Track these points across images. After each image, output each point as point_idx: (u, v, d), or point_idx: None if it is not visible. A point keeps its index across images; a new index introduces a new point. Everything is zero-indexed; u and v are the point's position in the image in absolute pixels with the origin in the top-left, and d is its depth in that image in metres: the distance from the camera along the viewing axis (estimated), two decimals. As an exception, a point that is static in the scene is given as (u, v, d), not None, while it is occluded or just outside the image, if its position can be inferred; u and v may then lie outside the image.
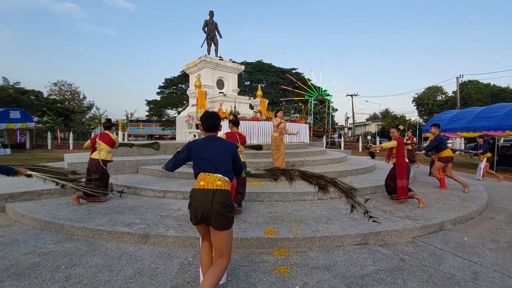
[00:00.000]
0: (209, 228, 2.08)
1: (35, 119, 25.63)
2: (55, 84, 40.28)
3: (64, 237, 3.48)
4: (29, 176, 3.51)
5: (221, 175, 2.06)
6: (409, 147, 10.30)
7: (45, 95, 34.14)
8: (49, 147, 21.90)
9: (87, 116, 39.03)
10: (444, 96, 39.58)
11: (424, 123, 31.85)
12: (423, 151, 6.39)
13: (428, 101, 39.21)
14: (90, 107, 40.48)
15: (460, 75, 26.31)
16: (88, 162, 4.82)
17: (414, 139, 11.53)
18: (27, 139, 22.20)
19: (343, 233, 3.42)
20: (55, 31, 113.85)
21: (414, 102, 41.55)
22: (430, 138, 8.75)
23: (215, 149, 2.14)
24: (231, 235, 2.10)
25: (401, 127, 5.23)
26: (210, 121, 2.22)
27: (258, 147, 4.77)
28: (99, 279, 2.51)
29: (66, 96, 40.45)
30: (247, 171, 2.83)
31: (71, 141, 22.00)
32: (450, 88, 70.48)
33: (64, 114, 31.18)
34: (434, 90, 39.90)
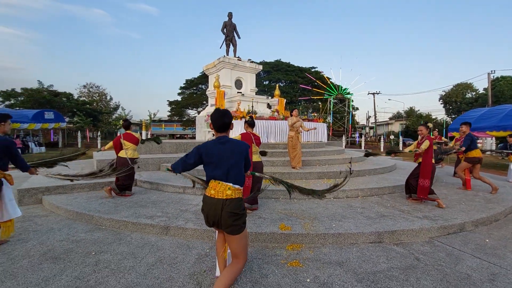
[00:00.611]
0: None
1: (66, 119, 27.35)
2: (84, 86, 42.75)
3: (94, 227, 3.79)
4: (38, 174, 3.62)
5: (231, 184, 2.04)
6: (435, 147, 9.87)
7: (75, 96, 36.30)
8: (79, 145, 23.28)
9: (113, 117, 41.05)
10: (474, 93, 37.36)
11: (451, 122, 30.27)
12: (463, 148, 6.00)
13: (456, 99, 37.20)
14: (116, 107, 42.56)
15: (492, 71, 24.67)
16: (116, 160, 5.14)
17: (443, 138, 11.03)
18: (60, 138, 23.76)
19: (357, 231, 3.43)
20: (84, 36, 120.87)
21: (441, 100, 39.60)
22: (456, 138, 8.38)
23: (226, 154, 2.06)
24: (245, 237, 2.12)
25: (430, 124, 5.04)
26: (220, 119, 2.13)
27: (263, 153, 4.88)
28: (124, 265, 2.74)
29: (94, 97, 42.77)
30: (252, 172, 2.74)
31: (99, 140, 23.26)
32: (481, 84, 66.31)
33: (92, 115, 33.02)
34: (463, 87, 37.76)
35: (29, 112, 18.99)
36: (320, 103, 24.50)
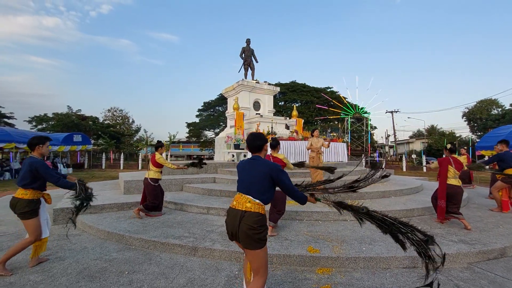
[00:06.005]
0: None
1: (92, 141, 28.80)
2: (109, 110, 45.13)
3: (124, 247, 3.90)
4: None
5: (251, 197, 2.10)
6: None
7: (101, 120, 38.39)
8: (103, 166, 24.26)
9: (135, 139, 42.69)
10: (500, 109, 35.86)
11: (477, 140, 28.98)
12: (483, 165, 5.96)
13: (481, 116, 35.80)
14: (138, 130, 44.32)
15: (518, 87, 23.76)
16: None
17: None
18: (86, 160, 24.89)
19: (389, 255, 3.31)
20: (111, 64, 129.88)
21: (464, 117, 38.26)
22: (486, 156, 8.02)
23: (251, 170, 2.20)
24: (263, 254, 2.08)
25: (448, 145, 5.04)
26: (251, 142, 2.34)
27: (300, 164, 4.76)
28: (157, 285, 2.79)
29: (117, 120, 44.93)
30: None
31: (121, 161, 24.16)
32: (507, 100, 63.71)
33: (116, 137, 34.58)
34: (487, 104, 36.45)
35: (60, 135, 20.22)
36: (337, 123, 24.36)
